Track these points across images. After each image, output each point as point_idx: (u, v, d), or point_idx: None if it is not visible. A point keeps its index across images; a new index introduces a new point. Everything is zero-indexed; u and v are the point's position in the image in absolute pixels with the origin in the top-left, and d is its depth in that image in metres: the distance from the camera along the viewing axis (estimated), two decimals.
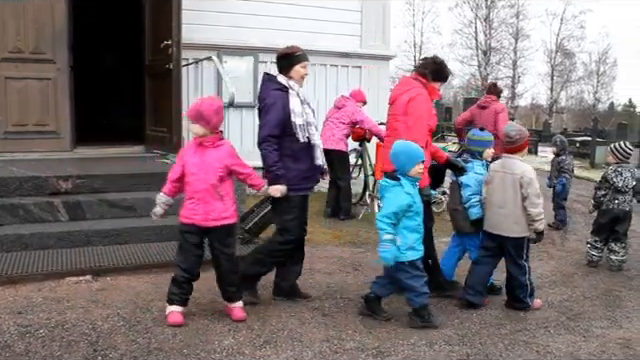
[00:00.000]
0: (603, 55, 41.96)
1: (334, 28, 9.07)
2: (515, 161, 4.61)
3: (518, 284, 4.63)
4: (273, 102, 4.29)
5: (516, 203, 4.51)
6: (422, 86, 4.64)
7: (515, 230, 4.55)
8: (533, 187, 4.47)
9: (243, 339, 3.86)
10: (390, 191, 4.13)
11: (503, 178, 4.58)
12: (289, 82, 4.38)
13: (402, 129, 4.53)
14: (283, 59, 4.44)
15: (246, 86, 8.55)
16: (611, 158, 5.96)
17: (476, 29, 39.88)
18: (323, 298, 4.69)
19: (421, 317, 4.19)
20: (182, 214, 4.15)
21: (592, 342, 4.11)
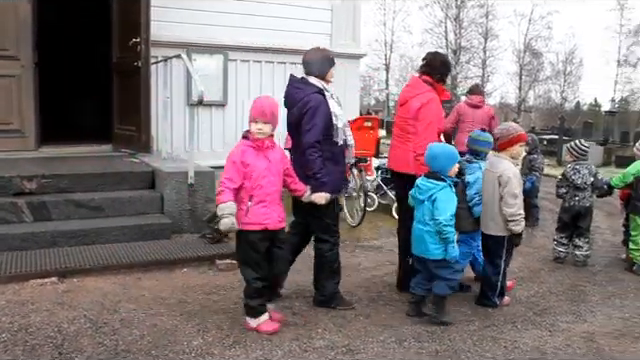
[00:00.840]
0: (570, 55, 42.68)
1: (304, 26, 9.04)
2: (500, 159, 4.67)
3: (488, 283, 4.70)
4: (318, 106, 4.18)
5: (494, 201, 4.56)
6: (432, 89, 4.71)
7: (491, 228, 4.61)
8: (510, 187, 4.49)
9: (212, 339, 3.83)
10: (441, 194, 4.18)
11: (488, 176, 4.67)
12: (324, 84, 4.34)
13: (412, 132, 4.65)
14: (319, 62, 4.37)
15: (215, 84, 8.49)
16: (569, 157, 6.13)
17: (446, 28, 40.24)
18: (293, 297, 4.68)
19: (437, 306, 4.28)
20: (249, 221, 3.90)
21: (558, 336, 4.18)
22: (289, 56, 8.98)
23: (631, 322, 4.53)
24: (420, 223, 4.29)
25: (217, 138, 8.64)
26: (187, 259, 5.33)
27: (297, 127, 4.26)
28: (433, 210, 4.17)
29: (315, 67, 4.35)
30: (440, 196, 4.17)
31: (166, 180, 6.14)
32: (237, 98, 8.72)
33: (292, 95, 4.32)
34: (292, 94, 4.33)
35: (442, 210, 4.13)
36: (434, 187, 4.21)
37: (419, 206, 4.32)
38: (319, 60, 4.37)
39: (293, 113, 4.29)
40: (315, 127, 4.15)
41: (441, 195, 4.17)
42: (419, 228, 4.30)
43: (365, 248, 6.33)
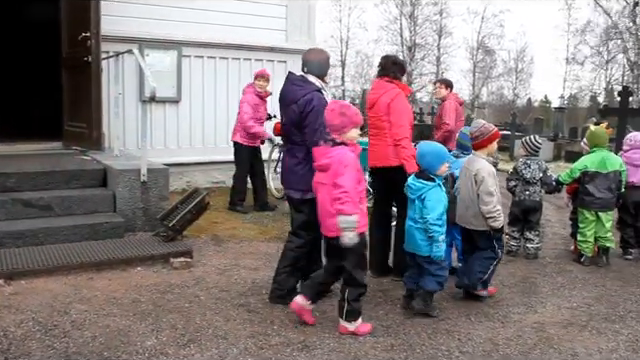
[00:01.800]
0: (521, 53, 43.73)
1: (259, 22, 9.01)
2: (477, 158, 4.77)
3: (481, 266, 4.73)
4: (322, 104, 4.21)
5: (473, 198, 4.68)
6: (396, 86, 5.06)
7: (474, 224, 4.73)
8: (485, 185, 4.59)
9: (166, 339, 3.78)
10: (431, 193, 4.26)
11: (466, 173, 4.79)
12: (322, 84, 4.40)
13: (387, 127, 4.97)
14: (322, 62, 4.43)
15: (169, 80, 8.39)
16: (522, 151, 6.28)
17: (401, 25, 40.68)
18: (248, 294, 4.66)
19: (425, 301, 4.37)
20: (361, 224, 3.88)
21: (510, 327, 4.28)
22: (244, 52, 8.95)
23: (578, 311, 4.67)
24: (411, 220, 4.41)
25: (171, 135, 8.55)
26: (141, 258, 5.24)
27: (297, 124, 4.28)
28: (422, 209, 4.28)
29: (317, 66, 4.40)
30: (429, 196, 4.27)
31: (118, 178, 6.02)
32: (191, 94, 8.64)
33: (292, 92, 4.33)
34: (292, 90, 4.34)
35: (430, 209, 4.24)
36: (424, 187, 4.30)
37: (410, 204, 4.43)
38: (321, 60, 4.44)
39: (293, 110, 4.28)
40: (322, 126, 4.15)
41: (430, 195, 4.27)
42: (410, 225, 4.41)
43: None
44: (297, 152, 4.35)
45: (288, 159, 4.45)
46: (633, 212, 6.39)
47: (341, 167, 3.78)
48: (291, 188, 4.42)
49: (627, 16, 31.44)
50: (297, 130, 4.31)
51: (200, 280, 4.93)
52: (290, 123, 4.36)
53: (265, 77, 7.54)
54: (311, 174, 4.13)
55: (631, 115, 11.87)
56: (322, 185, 3.91)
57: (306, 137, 4.24)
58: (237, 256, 5.68)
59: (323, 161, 3.88)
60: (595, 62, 37.11)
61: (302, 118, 4.24)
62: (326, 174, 3.86)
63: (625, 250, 6.42)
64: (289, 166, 4.42)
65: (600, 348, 3.97)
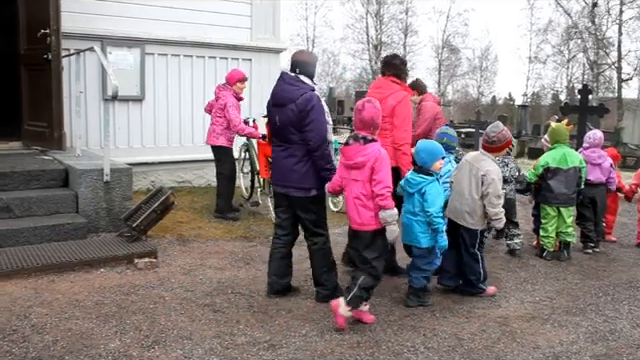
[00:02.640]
0: (485, 51, 44.40)
1: (223, 20, 8.93)
2: (486, 158, 4.88)
3: (471, 270, 4.88)
4: (320, 104, 4.32)
5: (474, 197, 4.75)
6: (402, 89, 5.10)
7: (468, 221, 4.80)
8: (494, 187, 4.72)
9: (130, 341, 3.73)
10: (430, 187, 4.40)
11: (470, 170, 4.82)
12: (315, 85, 4.46)
13: (389, 128, 4.96)
14: (309, 65, 4.49)
15: (132, 78, 8.25)
16: None
17: (367, 24, 40.88)
18: (214, 294, 4.62)
19: (418, 297, 4.59)
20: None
21: (474, 322, 4.34)
22: (208, 50, 8.86)
23: (541, 305, 4.77)
24: (410, 214, 4.51)
25: (135, 134, 8.41)
26: (104, 259, 5.15)
27: (296, 124, 4.29)
28: (423, 202, 4.40)
29: (308, 68, 4.45)
30: (429, 189, 4.40)
31: (80, 178, 5.91)
32: (155, 93, 8.51)
33: (289, 91, 4.34)
34: (288, 90, 4.36)
35: (431, 202, 4.37)
36: (423, 181, 4.43)
37: (409, 198, 4.53)
38: (312, 62, 4.53)
39: (291, 109, 4.28)
40: (323, 124, 4.28)
41: (430, 189, 4.40)
42: (409, 218, 4.52)
43: None
44: (296, 151, 4.36)
45: (286, 159, 4.42)
46: (590, 207, 6.55)
47: (379, 164, 3.98)
48: (292, 187, 4.42)
49: (586, 16, 32.13)
50: (295, 129, 4.32)
51: (165, 280, 4.87)
52: (288, 123, 4.34)
53: (246, 79, 7.44)
54: (312, 172, 4.30)
55: (590, 112, 12.13)
56: (355, 182, 4.06)
57: (309, 136, 4.26)
58: (202, 256, 5.64)
59: (358, 159, 4.01)
60: (557, 61, 37.87)
61: (302, 117, 4.25)
62: (360, 171, 4.02)
63: (585, 244, 6.57)
64: (288, 166, 4.39)
65: (561, 340, 4.06)
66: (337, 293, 4.51)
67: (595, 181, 6.51)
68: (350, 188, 4.10)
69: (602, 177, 6.58)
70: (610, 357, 3.84)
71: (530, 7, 39.32)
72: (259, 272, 5.23)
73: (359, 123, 4.10)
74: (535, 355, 3.81)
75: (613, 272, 5.86)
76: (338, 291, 4.55)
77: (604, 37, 32.22)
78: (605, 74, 33.63)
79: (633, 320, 4.52)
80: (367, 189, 4.01)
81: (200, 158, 8.81)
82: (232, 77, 7.25)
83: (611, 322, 4.46)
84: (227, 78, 7.31)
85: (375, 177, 3.96)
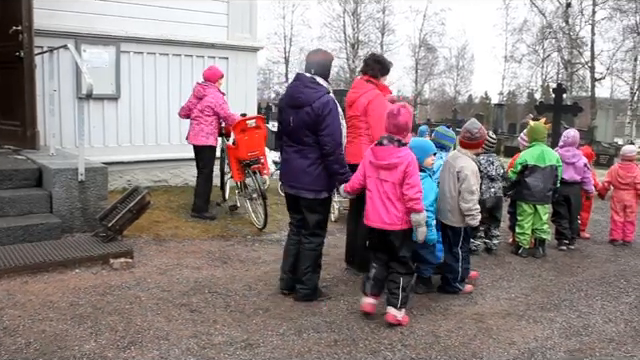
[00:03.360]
0: (462, 51, 44.74)
1: (200, 18, 8.87)
2: (462, 155, 4.97)
3: (450, 269, 4.96)
4: (336, 108, 4.32)
5: (452, 195, 4.86)
6: (375, 87, 5.15)
7: (450, 219, 4.89)
8: (467, 183, 4.78)
9: (106, 342, 3.68)
10: (423, 182, 4.42)
11: (449, 169, 4.94)
12: (329, 87, 4.44)
13: (364, 127, 5.09)
14: (330, 66, 4.55)
15: (107, 77, 8.16)
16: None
17: (344, 23, 40.88)
18: (191, 294, 4.59)
19: (426, 285, 4.90)
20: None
21: (450, 320, 4.37)
22: (185, 48, 8.80)
23: (516, 302, 4.82)
24: None
25: (110, 133, 8.32)
26: (79, 259, 5.07)
27: (312, 127, 4.30)
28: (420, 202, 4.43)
29: (323, 69, 4.47)
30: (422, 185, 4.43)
31: (54, 177, 5.82)
32: (131, 91, 8.42)
33: (306, 94, 4.33)
34: (305, 92, 4.34)
35: (423, 197, 4.38)
36: None
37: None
38: (327, 62, 4.53)
39: (307, 112, 4.29)
40: (339, 128, 4.31)
41: (423, 184, 4.43)
42: None
43: (265, 242, 6.32)
44: (309, 153, 4.38)
45: (298, 160, 4.43)
46: (565, 205, 6.64)
47: (412, 168, 4.10)
48: (303, 189, 4.43)
49: (560, 16, 32.55)
50: (310, 132, 4.33)
51: (141, 280, 4.83)
52: (303, 125, 4.34)
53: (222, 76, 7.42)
54: (324, 174, 4.35)
55: (565, 111, 12.32)
56: (384, 182, 4.14)
57: (324, 140, 4.28)
58: (179, 255, 5.59)
59: (392, 160, 4.09)
60: (532, 60, 38.28)
61: (318, 122, 4.26)
62: (391, 172, 4.10)
63: (560, 241, 6.66)
64: (301, 167, 4.41)
65: (536, 336, 4.11)
66: (316, 293, 4.58)
67: (569, 180, 6.59)
68: (377, 188, 4.17)
69: (576, 176, 6.66)
70: (583, 352, 3.90)
71: (505, 7, 39.71)
72: (236, 271, 5.22)
73: (394, 128, 4.15)
74: (511, 351, 3.85)
75: (586, 268, 5.96)
76: (317, 292, 4.60)
77: (577, 37, 32.69)
78: (579, 73, 34.13)
79: (606, 315, 4.60)
80: (397, 191, 4.10)
81: (176, 157, 8.76)
82: (215, 74, 7.23)
83: (584, 317, 4.53)
84: (208, 75, 7.22)
85: (409, 181, 4.06)
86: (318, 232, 4.55)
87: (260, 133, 6.89)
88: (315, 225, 4.52)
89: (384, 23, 41.15)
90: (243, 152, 6.79)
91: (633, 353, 3.91)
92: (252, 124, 6.78)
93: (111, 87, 8.22)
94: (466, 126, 5.13)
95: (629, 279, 5.62)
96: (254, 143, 6.82)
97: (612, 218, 7.16)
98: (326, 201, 4.54)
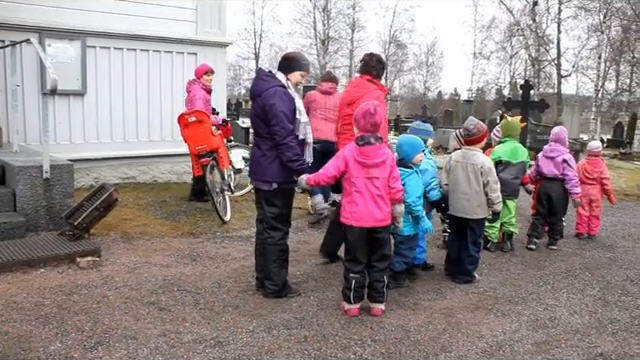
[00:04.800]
0: (431, 47, 45.10)
1: (168, 13, 8.77)
2: (475, 152, 5.21)
3: (472, 260, 5.25)
4: (285, 99, 4.35)
5: (479, 190, 5.11)
6: (377, 88, 5.20)
7: (478, 213, 5.16)
8: (492, 175, 5.13)
9: (72, 342, 3.61)
10: (410, 178, 4.69)
11: (465, 168, 5.16)
12: (287, 82, 4.47)
13: None
14: (288, 60, 4.52)
15: (73, 72, 8.02)
16: (455, 143, 6.11)
17: (315, 19, 40.79)
18: (159, 292, 4.54)
19: (395, 280, 4.89)
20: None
21: (420, 314, 4.40)
22: (153, 43, 8.69)
23: (485, 296, 4.88)
24: None
25: (77, 129, 8.18)
26: (44, 258, 4.98)
27: (262, 117, 4.36)
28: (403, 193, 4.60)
29: (285, 64, 4.50)
30: (409, 181, 4.68)
31: (18, 175, 5.69)
32: (98, 87, 8.29)
33: (258, 85, 4.45)
34: (258, 84, 4.46)
35: (410, 193, 4.65)
36: (404, 173, 4.66)
37: None
38: (288, 59, 4.54)
39: (258, 103, 4.38)
40: (289, 118, 4.32)
41: (410, 180, 4.69)
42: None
43: (234, 239, 6.28)
44: (262, 144, 4.44)
45: (255, 151, 4.53)
46: (545, 203, 6.68)
47: (394, 162, 4.32)
48: (259, 180, 4.48)
49: (527, 14, 33.00)
50: (262, 122, 4.38)
51: (108, 279, 4.75)
52: (256, 116, 4.43)
53: (213, 72, 7.51)
54: (275, 166, 4.35)
55: (532, 107, 12.50)
56: (375, 179, 4.21)
57: (274, 129, 4.31)
58: (148, 253, 5.52)
59: (382, 157, 4.20)
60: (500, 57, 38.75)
61: (265, 111, 4.32)
62: (381, 169, 4.21)
63: (530, 239, 6.72)
64: (255, 158, 4.50)
65: (504, 329, 4.16)
66: (285, 290, 4.56)
67: (549, 174, 6.61)
68: (366, 187, 4.21)
69: (555, 171, 6.61)
70: (550, 344, 3.96)
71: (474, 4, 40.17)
72: (205, 268, 5.18)
73: (371, 126, 4.20)
74: (479, 344, 3.89)
75: (553, 262, 6.06)
76: (286, 288, 4.58)
77: (544, 35, 33.22)
78: (545, 70, 34.72)
79: (571, 307, 4.68)
80: (386, 186, 4.24)
81: (145, 154, 8.66)
82: (199, 69, 7.41)
83: (551, 310, 4.61)
84: (195, 71, 7.46)
85: (395, 174, 4.27)
86: (277, 226, 4.51)
87: (205, 127, 6.87)
88: (273, 218, 4.50)
89: (354, 19, 41.21)
90: (191, 147, 6.91)
91: (597, 344, 3.99)
92: (192, 119, 6.82)
93: (77, 83, 8.08)
94: (464, 125, 5.39)
95: (593, 272, 5.74)
96: (199, 137, 6.86)
97: (578, 212, 7.28)
98: (282, 193, 4.46)
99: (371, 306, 4.35)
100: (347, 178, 4.26)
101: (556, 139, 6.76)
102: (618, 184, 12.30)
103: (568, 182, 6.59)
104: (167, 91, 8.88)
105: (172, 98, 8.89)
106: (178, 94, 8.91)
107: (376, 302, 4.34)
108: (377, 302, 4.34)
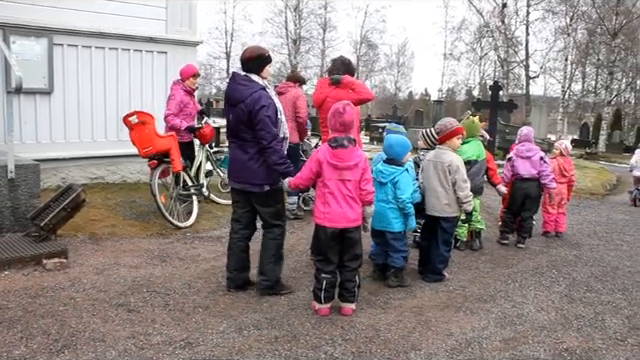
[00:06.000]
0: (402, 48, 45.47)
1: (137, 11, 8.64)
2: (445, 151, 5.31)
3: (443, 259, 5.31)
4: (268, 102, 4.34)
5: (447, 188, 5.19)
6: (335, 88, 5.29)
7: (447, 211, 5.22)
8: (460, 174, 5.18)
9: (37, 346, 3.54)
10: (402, 177, 4.88)
11: (436, 166, 5.26)
12: (265, 82, 4.48)
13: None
14: (255, 59, 4.47)
15: (40, 70, 7.85)
16: (422, 143, 6.18)
17: (286, 18, 40.78)
18: (128, 293, 4.48)
19: (397, 277, 5.02)
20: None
21: (390, 313, 4.43)
22: (122, 42, 8.57)
23: (454, 294, 4.93)
24: (383, 202, 4.91)
25: (43, 129, 8.01)
26: (9, 260, 4.87)
27: (247, 123, 4.34)
28: (396, 191, 4.87)
29: (255, 65, 4.46)
30: (401, 179, 4.88)
31: None
32: (65, 85, 8.13)
33: (238, 91, 4.40)
34: (238, 90, 4.41)
35: (404, 190, 4.85)
36: (396, 171, 4.89)
37: (381, 188, 4.91)
38: (259, 58, 4.49)
39: (242, 109, 4.35)
40: (274, 121, 4.35)
41: (402, 178, 4.88)
42: (382, 206, 4.90)
43: (204, 239, 6.24)
44: (248, 148, 4.43)
45: (240, 155, 4.48)
46: (520, 203, 6.78)
47: (367, 164, 4.34)
48: (247, 183, 4.48)
49: (497, 16, 33.47)
50: (246, 127, 4.37)
51: (76, 281, 4.68)
52: (239, 122, 4.39)
53: (199, 75, 7.44)
54: (264, 168, 4.38)
55: (501, 108, 12.69)
56: (347, 182, 4.24)
57: (260, 134, 4.32)
58: (116, 254, 5.45)
59: (355, 160, 4.24)
60: (470, 58, 39.31)
61: (252, 117, 4.31)
62: (353, 171, 4.24)
63: (502, 235, 6.82)
64: (242, 162, 4.46)
65: (473, 327, 4.22)
66: (278, 286, 4.63)
67: (526, 175, 6.73)
68: (339, 189, 4.24)
69: (533, 170, 6.73)
70: (517, 340, 4.02)
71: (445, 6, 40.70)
72: (175, 269, 5.13)
73: (340, 126, 4.24)
74: (449, 342, 3.93)
75: (521, 260, 6.16)
76: (280, 284, 4.64)
77: (513, 36, 33.73)
78: (514, 71, 35.29)
79: (538, 304, 4.77)
80: (357, 188, 4.27)
81: (114, 154, 8.53)
82: (183, 72, 7.29)
83: (519, 307, 4.68)
84: (180, 73, 7.34)
85: (367, 177, 4.30)
86: (276, 223, 4.61)
87: (149, 128, 6.51)
88: (271, 217, 4.57)
89: (326, 19, 41.34)
90: (139, 150, 6.57)
91: (562, 339, 4.06)
92: (134, 120, 6.51)
93: (43, 81, 7.92)
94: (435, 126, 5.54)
95: (560, 269, 5.85)
96: (144, 139, 6.50)
97: (546, 211, 7.40)
98: (274, 193, 4.53)
99: (342, 305, 4.36)
100: (320, 180, 4.29)
101: (527, 139, 6.90)
102: (584, 183, 12.56)
103: (545, 178, 6.75)
104: (136, 90, 8.76)
105: (142, 97, 8.77)
106: (148, 93, 8.82)
107: (347, 302, 4.36)
108: (348, 302, 4.36)
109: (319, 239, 4.35)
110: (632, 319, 4.54)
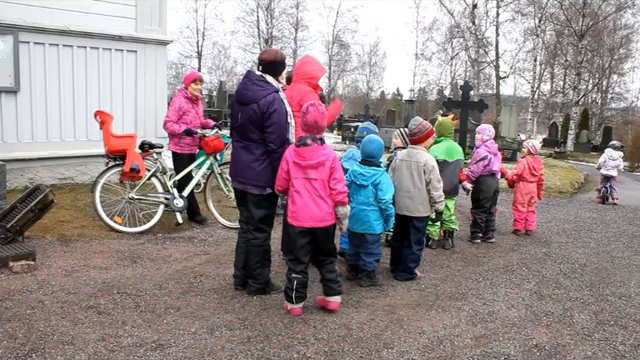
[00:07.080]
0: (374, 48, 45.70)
1: (106, 9, 8.51)
2: (419, 151, 5.33)
3: (415, 257, 5.33)
4: (281, 106, 4.34)
5: (421, 188, 5.21)
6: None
7: (420, 211, 5.25)
8: (435, 174, 5.23)
9: (3, 351, 3.46)
10: (382, 178, 4.89)
11: (409, 166, 5.27)
12: (279, 85, 4.46)
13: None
14: (279, 64, 4.53)
15: (5, 68, 7.68)
16: (398, 142, 6.26)
17: (258, 18, 40.68)
18: (98, 295, 4.42)
19: (370, 278, 5.06)
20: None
21: (363, 312, 4.44)
22: (90, 40, 8.44)
23: (426, 292, 4.97)
24: (363, 204, 4.91)
25: (9, 128, 7.85)
26: None
27: (257, 124, 4.33)
28: (377, 192, 4.86)
29: (273, 68, 4.47)
30: (382, 180, 4.89)
31: None
32: (32, 84, 7.98)
33: (253, 91, 4.37)
34: (252, 89, 4.38)
35: (385, 191, 4.86)
36: (376, 173, 4.89)
37: (361, 190, 4.91)
38: (278, 63, 4.52)
39: (254, 109, 4.33)
40: (285, 126, 4.36)
41: (383, 179, 4.90)
42: (363, 209, 4.91)
43: (176, 240, 6.18)
44: (254, 149, 4.42)
45: (244, 156, 4.46)
46: (490, 197, 6.88)
47: (336, 163, 4.27)
48: (249, 184, 4.46)
49: (467, 17, 33.87)
50: (256, 129, 4.35)
51: (44, 284, 4.59)
52: (249, 122, 4.36)
53: (201, 80, 7.05)
54: (268, 170, 4.37)
55: (472, 108, 12.81)
56: (313, 180, 4.22)
57: (270, 137, 4.33)
58: (86, 256, 5.37)
59: (320, 159, 4.19)
60: (441, 58, 39.66)
61: (264, 118, 4.29)
62: (318, 170, 4.20)
63: (474, 235, 6.90)
64: (246, 162, 4.44)
65: (445, 325, 4.25)
66: (268, 287, 4.65)
67: (496, 170, 6.90)
68: (305, 188, 4.23)
69: (499, 165, 7.00)
70: (488, 337, 4.07)
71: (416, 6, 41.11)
72: (146, 270, 5.08)
73: (304, 125, 4.24)
74: (420, 340, 3.96)
75: (492, 258, 6.23)
76: (269, 285, 4.66)
77: (483, 37, 34.17)
78: (485, 72, 35.77)
79: (509, 302, 4.83)
80: (326, 187, 4.23)
81: (83, 154, 8.40)
82: (185, 78, 7.06)
83: (489, 305, 4.74)
84: (183, 79, 7.16)
85: (336, 176, 4.25)
86: (263, 227, 4.59)
87: (105, 128, 6.30)
88: (260, 220, 4.56)
89: (298, 19, 41.35)
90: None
91: (532, 336, 4.12)
92: (97, 120, 6.31)
93: (9, 79, 7.75)
94: (409, 126, 5.52)
95: (530, 267, 5.93)
96: (104, 139, 6.33)
97: (517, 210, 7.51)
98: (271, 197, 4.54)
99: (328, 300, 4.36)
100: (289, 179, 4.28)
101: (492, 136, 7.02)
102: (553, 182, 12.78)
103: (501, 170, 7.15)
104: (106, 89, 8.63)
105: (111, 96, 8.65)
106: (117, 92, 8.70)
107: (335, 294, 4.37)
108: (336, 294, 4.37)
109: (289, 238, 4.37)
110: (599, 315, 4.63)
